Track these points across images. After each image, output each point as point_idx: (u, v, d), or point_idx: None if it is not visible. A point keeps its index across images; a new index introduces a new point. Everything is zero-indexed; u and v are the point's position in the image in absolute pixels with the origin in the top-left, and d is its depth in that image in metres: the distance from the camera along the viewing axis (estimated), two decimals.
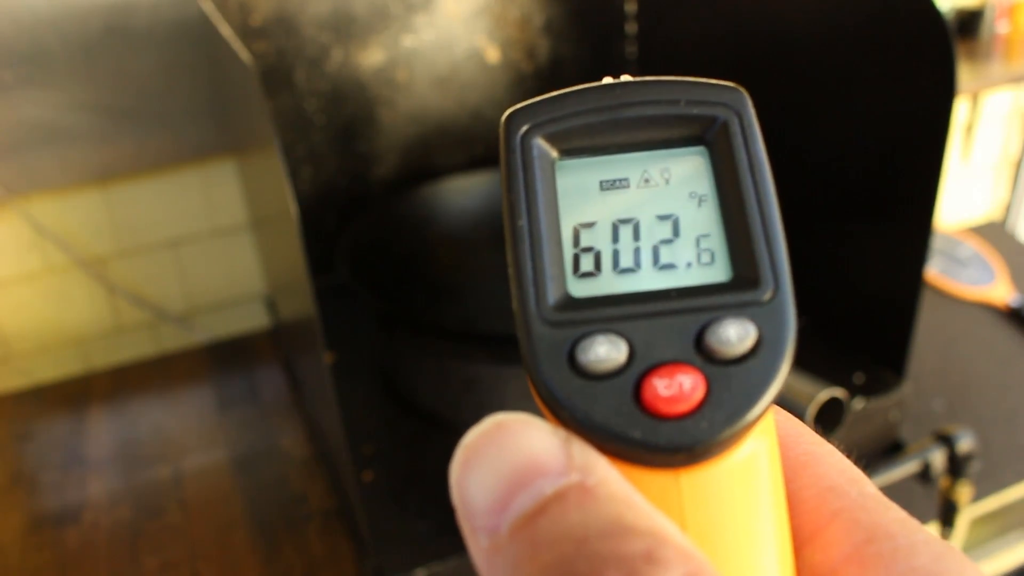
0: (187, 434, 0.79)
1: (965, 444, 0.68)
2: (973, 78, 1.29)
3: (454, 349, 0.69)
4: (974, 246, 0.99)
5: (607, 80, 0.17)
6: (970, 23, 1.38)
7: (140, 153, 0.85)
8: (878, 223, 0.71)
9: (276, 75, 0.87)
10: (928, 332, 0.82)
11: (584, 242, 0.17)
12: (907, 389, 0.73)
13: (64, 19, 0.78)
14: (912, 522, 0.15)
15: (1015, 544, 0.77)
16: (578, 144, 0.17)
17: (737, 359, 0.15)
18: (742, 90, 0.17)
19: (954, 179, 1.47)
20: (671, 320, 0.15)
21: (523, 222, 0.16)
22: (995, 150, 1.51)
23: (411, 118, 0.95)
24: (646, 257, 0.16)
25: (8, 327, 0.88)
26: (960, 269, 0.96)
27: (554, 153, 0.17)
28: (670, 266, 0.16)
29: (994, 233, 1.05)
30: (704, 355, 0.15)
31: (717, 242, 0.16)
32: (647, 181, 0.17)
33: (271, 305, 0.95)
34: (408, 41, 0.92)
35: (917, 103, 0.63)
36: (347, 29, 0.89)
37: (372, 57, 0.91)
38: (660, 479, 0.15)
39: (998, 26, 1.39)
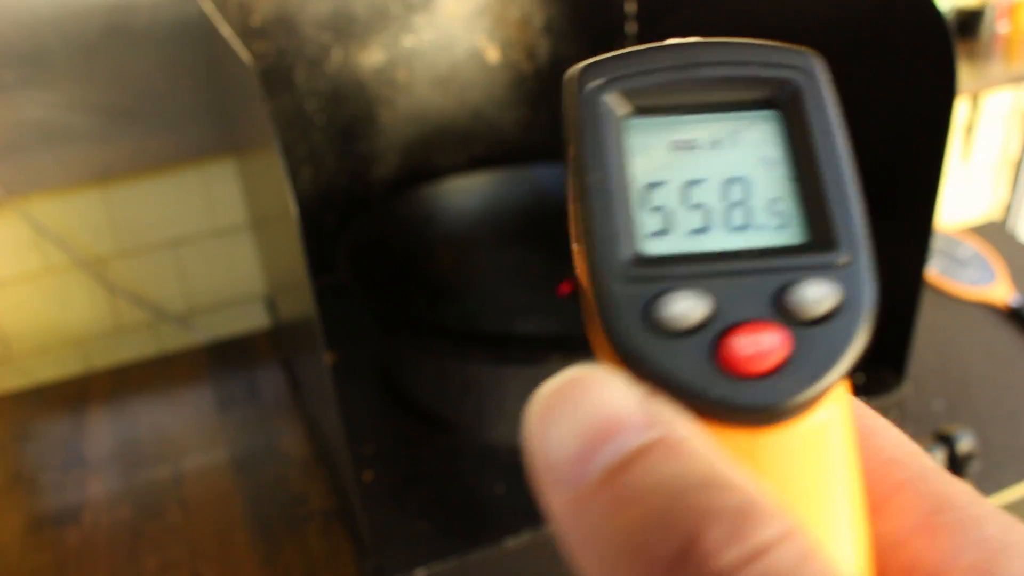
0: (187, 434, 0.79)
1: (965, 444, 0.68)
2: (973, 78, 1.29)
3: (454, 349, 0.69)
4: (974, 246, 0.99)
5: (674, 40, 0.17)
6: (970, 23, 1.38)
7: (140, 153, 0.85)
8: (878, 223, 0.70)
9: (276, 75, 0.87)
10: (928, 332, 0.82)
11: (654, 201, 0.16)
12: (907, 389, 0.73)
13: (64, 19, 0.78)
14: (976, 494, 0.16)
15: None
16: (650, 102, 0.17)
17: (818, 320, 0.15)
18: (815, 54, 0.17)
19: (954, 179, 1.47)
20: (750, 279, 0.15)
21: (595, 177, 0.16)
22: (995, 150, 1.51)
23: (411, 118, 0.95)
24: (717, 218, 0.16)
25: (8, 327, 0.88)
26: (960, 269, 0.96)
27: (625, 110, 0.17)
28: (741, 228, 0.16)
29: (994, 233, 1.05)
30: (785, 315, 0.15)
31: (789, 206, 0.16)
32: (717, 143, 0.17)
33: (271, 305, 0.95)
34: (408, 41, 0.92)
35: (917, 103, 0.63)
36: (347, 29, 0.89)
37: (372, 57, 0.91)
38: (737, 438, 0.15)
39: (998, 26, 1.39)
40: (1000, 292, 0.91)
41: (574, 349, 0.67)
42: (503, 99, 0.98)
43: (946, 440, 0.68)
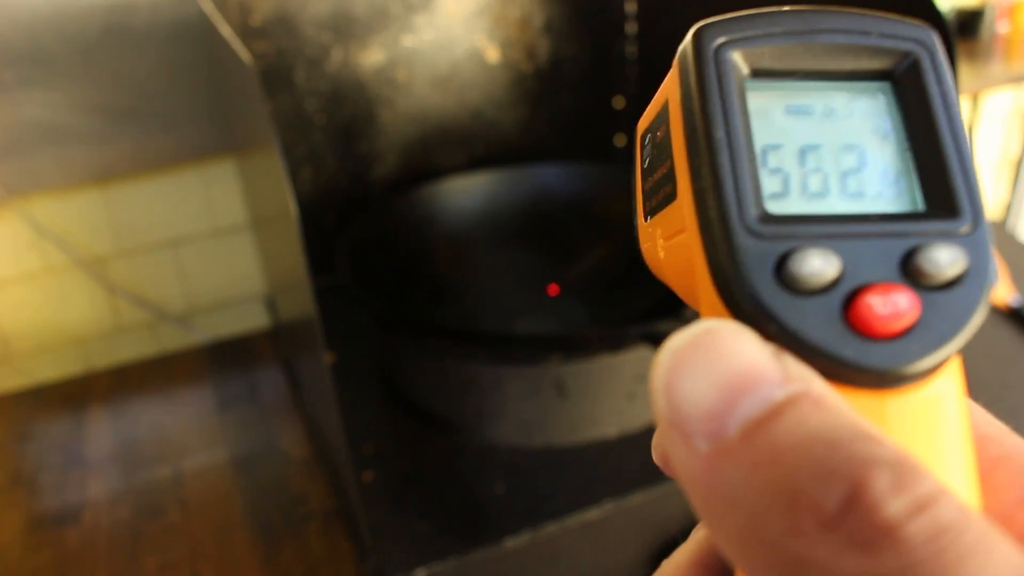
0: (187, 434, 0.79)
1: None
2: (973, 78, 1.29)
3: (454, 349, 0.69)
4: None
5: (793, 6, 0.17)
6: (970, 23, 1.38)
7: (140, 153, 0.85)
8: None
9: (276, 75, 0.87)
10: None
11: (772, 163, 0.16)
12: None
13: (64, 19, 0.78)
14: None
15: None
16: (769, 65, 0.17)
17: (945, 284, 0.15)
18: (932, 29, 0.17)
19: None
20: (878, 241, 0.15)
21: (721, 133, 0.16)
22: (995, 150, 1.51)
23: (411, 118, 0.95)
24: (835, 184, 0.16)
25: (8, 327, 0.88)
26: None
27: (746, 71, 0.17)
28: (858, 194, 0.16)
29: (994, 233, 1.05)
30: (912, 278, 0.15)
31: (905, 175, 0.16)
32: (832, 111, 0.17)
33: (271, 305, 0.95)
34: (408, 41, 0.92)
35: None
36: (347, 29, 0.89)
37: (372, 57, 0.91)
38: (865, 399, 0.15)
39: (998, 26, 1.39)
40: (1000, 292, 0.91)
41: (574, 349, 0.67)
42: (503, 99, 0.98)
43: None
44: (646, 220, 0.19)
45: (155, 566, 0.65)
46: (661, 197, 0.18)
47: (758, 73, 0.17)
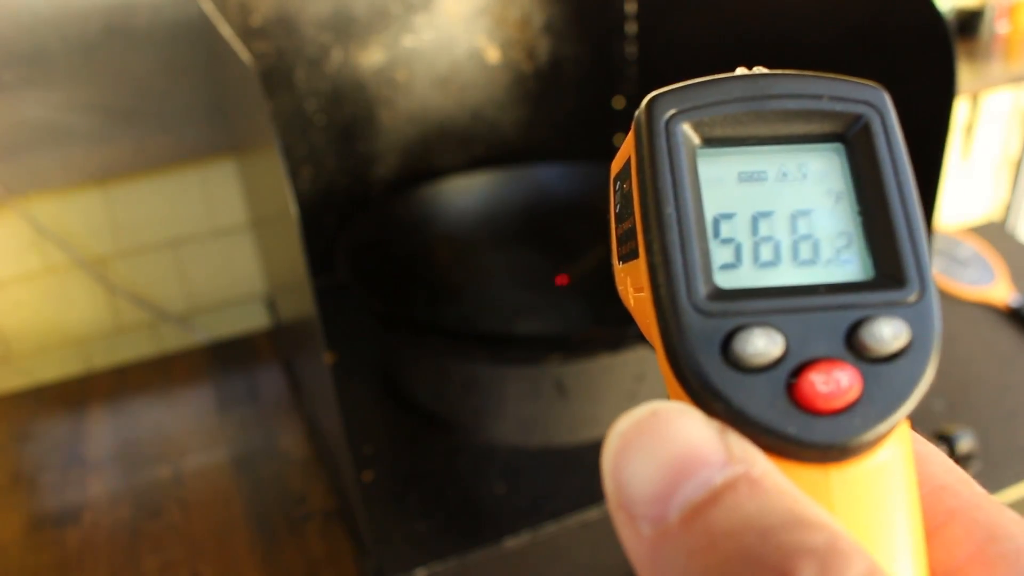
0: (187, 434, 0.79)
1: (965, 444, 0.68)
2: (973, 78, 1.29)
3: (454, 349, 0.69)
4: (974, 246, 0.99)
5: (741, 71, 0.17)
6: (970, 23, 1.38)
7: (140, 153, 0.85)
8: None
9: (276, 75, 0.87)
10: None
11: (724, 233, 0.17)
12: None
13: (64, 19, 0.78)
14: None
15: None
16: (721, 133, 0.17)
17: (889, 357, 0.15)
18: (883, 89, 0.17)
19: (954, 179, 1.47)
20: (822, 315, 0.15)
21: (671, 209, 0.16)
22: (995, 150, 1.51)
23: (411, 118, 0.95)
24: (786, 251, 0.17)
25: (8, 327, 0.88)
26: (960, 269, 0.96)
27: (697, 141, 0.17)
28: (810, 261, 0.16)
29: (994, 233, 1.05)
30: (856, 352, 0.15)
31: (856, 240, 0.17)
32: (785, 175, 0.17)
33: (271, 305, 0.95)
34: (408, 41, 0.92)
35: (917, 103, 0.63)
36: (347, 29, 0.89)
37: (372, 57, 0.91)
38: (809, 474, 0.15)
39: (998, 26, 1.39)
40: (1000, 292, 0.91)
41: (574, 349, 0.67)
42: (503, 99, 0.98)
43: (946, 440, 0.68)
44: (619, 264, 0.19)
45: (155, 566, 0.65)
46: (628, 250, 0.18)
47: (711, 141, 0.17)
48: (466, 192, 0.93)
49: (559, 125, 1.02)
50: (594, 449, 0.69)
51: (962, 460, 0.67)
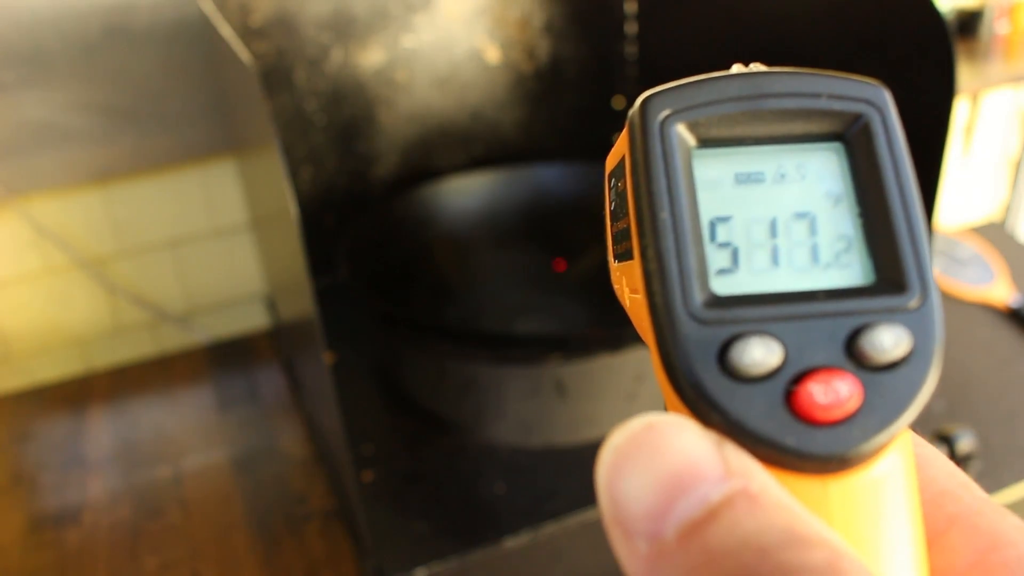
0: (187, 434, 0.79)
1: (965, 444, 0.68)
2: (973, 78, 1.29)
3: (454, 349, 0.69)
4: (974, 246, 0.99)
5: (737, 68, 0.17)
6: (970, 23, 1.38)
7: (140, 153, 0.85)
8: None
9: (276, 75, 0.87)
10: None
11: (721, 237, 0.16)
12: None
13: (64, 19, 0.78)
14: None
15: None
16: (717, 134, 0.16)
17: (890, 365, 0.15)
18: (884, 87, 0.17)
19: (954, 179, 1.47)
20: (821, 323, 0.15)
21: (666, 214, 0.15)
22: (995, 150, 1.51)
23: (411, 118, 0.95)
24: (784, 256, 0.16)
25: (8, 327, 0.88)
26: (960, 269, 0.96)
27: (692, 142, 0.16)
28: (808, 266, 0.16)
29: (994, 233, 1.05)
30: (856, 360, 0.15)
31: (856, 243, 0.16)
32: (783, 177, 0.17)
33: (271, 305, 0.95)
34: (408, 41, 0.92)
35: (917, 103, 0.63)
36: (347, 29, 0.89)
37: (372, 57, 0.91)
38: (807, 485, 0.15)
39: (998, 26, 1.39)
40: (1000, 292, 0.91)
41: (574, 349, 0.67)
42: (503, 99, 0.98)
43: (946, 440, 0.68)
44: (615, 262, 0.19)
45: (155, 566, 0.65)
46: (623, 249, 0.18)
47: (706, 142, 0.16)
48: (466, 192, 0.93)
49: (559, 125, 1.02)
50: (594, 449, 0.69)
51: (962, 460, 0.67)
